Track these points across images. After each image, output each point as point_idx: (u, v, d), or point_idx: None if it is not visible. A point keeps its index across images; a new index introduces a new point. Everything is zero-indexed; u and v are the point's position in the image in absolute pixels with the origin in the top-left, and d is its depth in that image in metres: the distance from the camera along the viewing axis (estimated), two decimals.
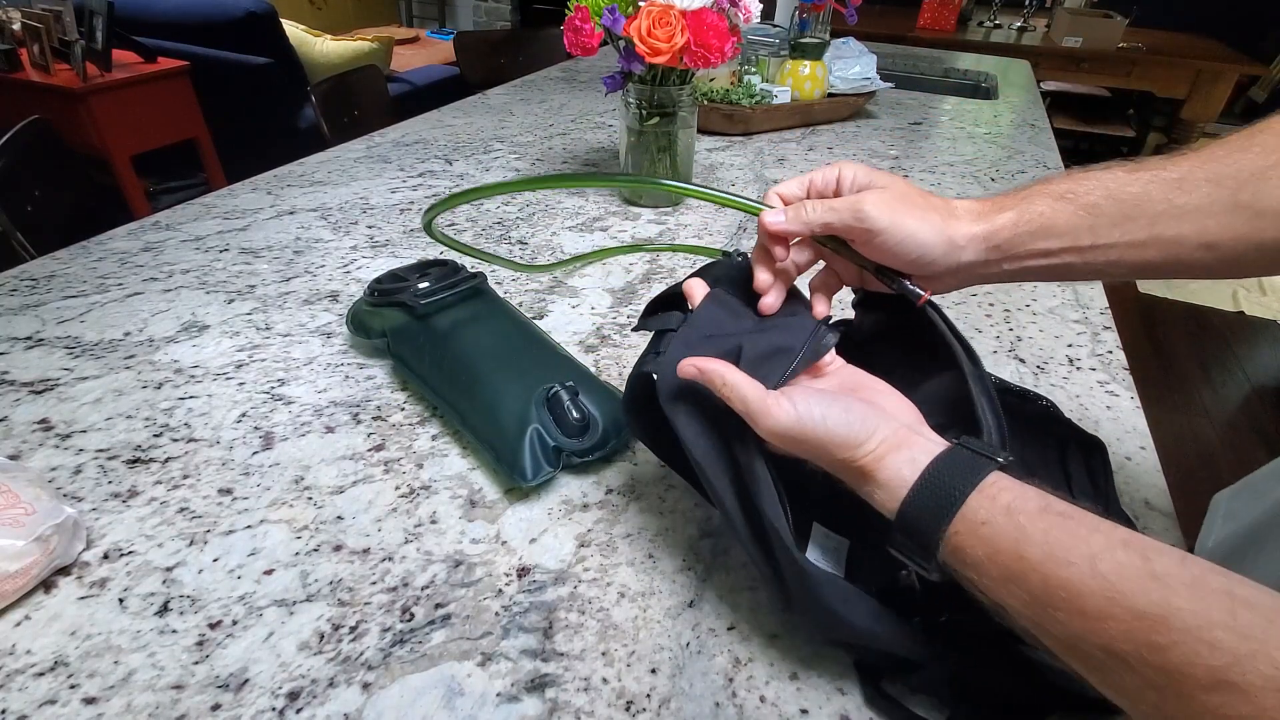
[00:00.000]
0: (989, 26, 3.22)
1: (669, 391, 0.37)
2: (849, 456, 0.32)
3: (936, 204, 0.38)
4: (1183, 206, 0.34)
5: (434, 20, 4.26)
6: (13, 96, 2.02)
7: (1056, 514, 0.27)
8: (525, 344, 0.55)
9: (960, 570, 0.29)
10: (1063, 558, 0.25)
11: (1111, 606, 0.23)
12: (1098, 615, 0.24)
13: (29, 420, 0.52)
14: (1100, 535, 0.26)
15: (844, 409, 0.33)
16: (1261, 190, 0.32)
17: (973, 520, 0.28)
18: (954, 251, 0.37)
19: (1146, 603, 0.23)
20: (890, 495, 0.31)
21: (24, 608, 0.39)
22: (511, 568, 0.43)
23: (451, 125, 1.22)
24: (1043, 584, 0.25)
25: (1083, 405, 0.59)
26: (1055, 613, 0.25)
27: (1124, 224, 0.35)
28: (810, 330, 0.39)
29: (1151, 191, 0.34)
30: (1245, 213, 0.33)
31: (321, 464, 0.50)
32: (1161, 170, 0.35)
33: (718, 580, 0.43)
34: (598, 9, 0.78)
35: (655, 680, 0.37)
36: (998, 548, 0.27)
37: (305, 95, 1.51)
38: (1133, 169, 0.35)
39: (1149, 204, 0.34)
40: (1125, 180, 0.35)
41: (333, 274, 0.74)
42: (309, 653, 0.37)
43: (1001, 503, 0.28)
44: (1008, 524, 0.27)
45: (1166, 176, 0.34)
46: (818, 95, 1.28)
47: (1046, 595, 0.25)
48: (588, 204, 0.94)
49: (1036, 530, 0.26)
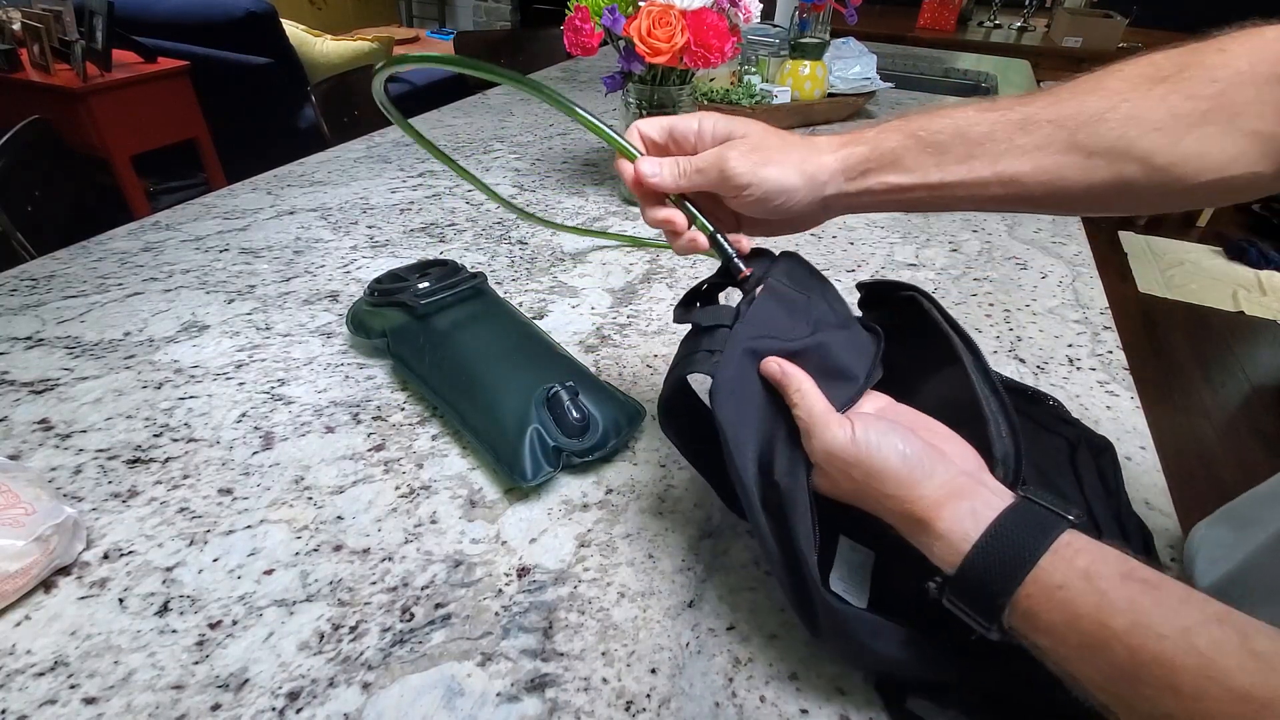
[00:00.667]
0: (989, 26, 3.22)
1: (726, 395, 0.35)
2: (903, 496, 0.31)
3: (795, 141, 0.38)
4: (1024, 146, 0.35)
5: (434, 20, 4.26)
6: (13, 96, 2.02)
7: (1141, 581, 0.25)
8: (525, 344, 0.55)
9: (1029, 635, 0.27)
10: (1153, 629, 0.24)
11: (1210, 685, 0.22)
12: (1194, 694, 0.22)
13: (29, 420, 0.52)
14: (1192, 608, 0.24)
15: (903, 441, 0.32)
16: (1097, 132, 0.34)
17: (1047, 583, 0.26)
18: (817, 187, 0.38)
19: (1249, 683, 0.21)
20: (950, 550, 0.29)
21: (24, 608, 0.39)
22: (511, 568, 0.43)
23: (451, 125, 1.22)
24: (1130, 657, 0.24)
25: (1083, 405, 0.59)
26: (1143, 688, 0.23)
27: (969, 161, 0.36)
28: (871, 355, 0.39)
29: (996, 131, 0.35)
30: (1079, 153, 0.34)
31: (321, 464, 0.50)
32: (1010, 110, 0.36)
33: (718, 580, 0.43)
34: (598, 9, 0.78)
35: (655, 680, 0.37)
36: (1077, 614, 0.25)
37: (305, 95, 1.51)
38: (985, 108, 0.36)
39: (993, 143, 0.35)
40: (975, 119, 0.36)
41: (333, 274, 0.74)
42: (309, 653, 0.37)
43: (1079, 566, 0.26)
44: (1088, 589, 0.25)
45: (1013, 117, 0.35)
46: (818, 95, 1.28)
47: (1134, 669, 0.24)
48: (588, 204, 0.94)
49: (1121, 598, 0.25)
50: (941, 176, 0.37)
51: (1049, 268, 0.82)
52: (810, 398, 0.34)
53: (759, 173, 0.37)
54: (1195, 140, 0.33)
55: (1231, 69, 0.32)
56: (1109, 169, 0.34)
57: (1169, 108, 0.33)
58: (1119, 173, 0.34)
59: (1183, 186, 0.34)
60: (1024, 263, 0.83)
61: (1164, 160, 0.33)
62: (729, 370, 0.35)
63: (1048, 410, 0.46)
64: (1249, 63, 0.32)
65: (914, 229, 0.91)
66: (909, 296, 0.42)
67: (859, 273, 0.79)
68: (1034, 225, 0.93)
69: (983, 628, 0.29)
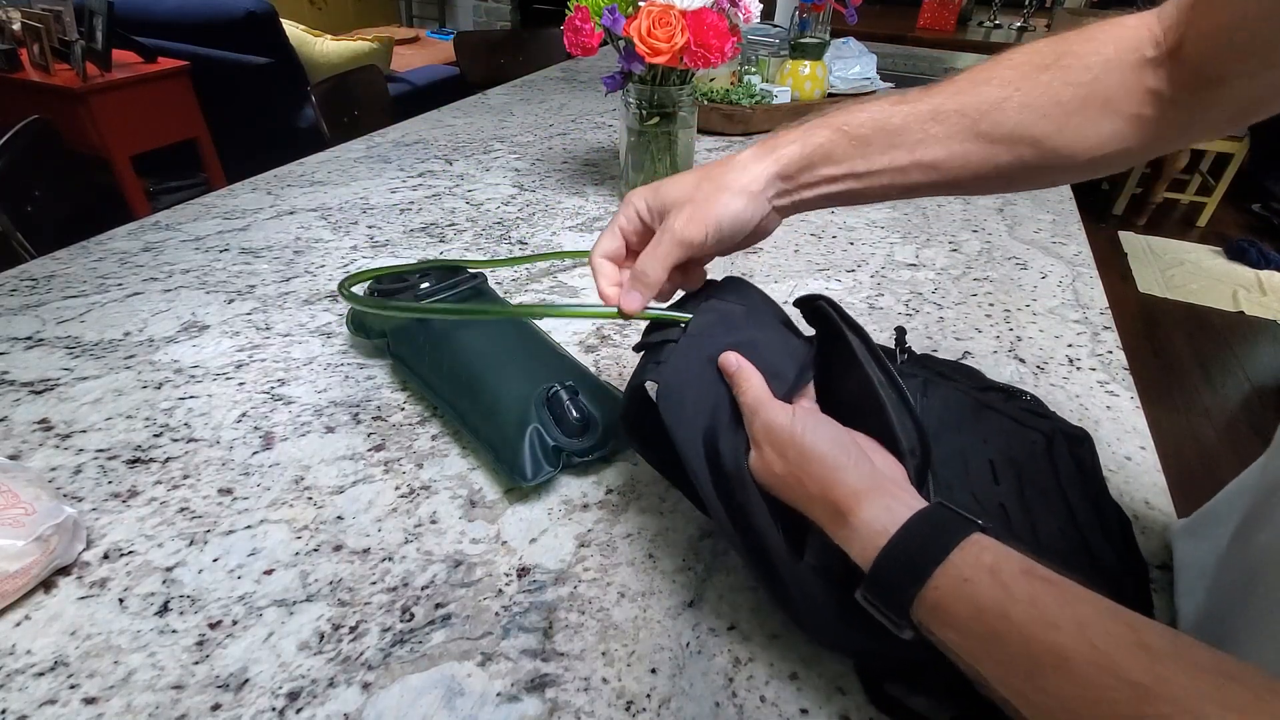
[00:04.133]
0: (989, 26, 3.22)
1: (669, 401, 0.38)
2: (829, 481, 0.33)
3: (719, 171, 0.40)
4: (936, 135, 0.38)
5: (434, 20, 4.26)
6: (13, 96, 2.02)
7: (1042, 578, 0.26)
8: (525, 344, 0.55)
9: (937, 630, 0.28)
10: (1050, 621, 0.25)
11: (1100, 675, 0.23)
12: (1086, 683, 0.23)
13: (29, 420, 0.52)
14: (1087, 604, 0.25)
15: (835, 431, 0.35)
16: (997, 120, 0.37)
17: (955, 576, 0.27)
18: (758, 198, 0.40)
19: (1138, 672, 0.22)
20: (866, 543, 0.31)
21: (24, 608, 0.39)
22: (511, 568, 0.43)
23: (451, 125, 1.22)
24: (1026, 648, 0.25)
25: (1083, 405, 0.59)
26: (1039, 679, 0.24)
27: (890, 151, 0.39)
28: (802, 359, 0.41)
29: (910, 123, 0.38)
30: (984, 140, 0.38)
31: (321, 464, 0.50)
32: (919, 103, 0.39)
33: (718, 580, 0.43)
34: (598, 9, 0.78)
35: (655, 680, 0.37)
36: (980, 607, 0.26)
37: (305, 95, 1.51)
38: (896, 101, 0.39)
39: (908, 134, 0.38)
40: (890, 113, 0.39)
41: (333, 274, 0.74)
42: (309, 653, 0.37)
43: (985, 561, 0.27)
44: (992, 583, 0.26)
45: (922, 108, 0.38)
46: (818, 95, 1.28)
47: (1032, 660, 0.24)
48: (588, 204, 0.94)
49: (1022, 591, 0.26)
50: (868, 166, 0.39)
51: (1049, 268, 0.82)
52: (756, 385, 0.37)
53: (709, 223, 0.39)
54: (1077, 123, 0.37)
55: (1101, 56, 0.36)
56: (1009, 153, 0.38)
57: (1053, 95, 0.37)
58: (1018, 156, 0.38)
59: (1071, 164, 0.38)
60: (1024, 263, 0.83)
61: (1053, 144, 0.37)
62: (673, 376, 0.38)
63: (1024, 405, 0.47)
64: (1115, 50, 0.36)
65: (914, 229, 0.91)
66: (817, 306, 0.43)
67: (859, 272, 0.79)
68: (1034, 225, 0.93)
69: (895, 625, 0.30)
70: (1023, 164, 0.38)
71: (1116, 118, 0.36)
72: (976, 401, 0.46)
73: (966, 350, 0.66)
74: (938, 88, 0.39)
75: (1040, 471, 0.43)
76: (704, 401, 0.38)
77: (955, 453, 0.42)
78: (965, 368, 0.52)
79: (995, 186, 0.41)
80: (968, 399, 0.46)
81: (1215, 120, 0.37)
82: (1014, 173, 0.39)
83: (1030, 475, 0.42)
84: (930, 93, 0.39)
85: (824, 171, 0.40)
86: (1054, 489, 0.42)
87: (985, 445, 0.43)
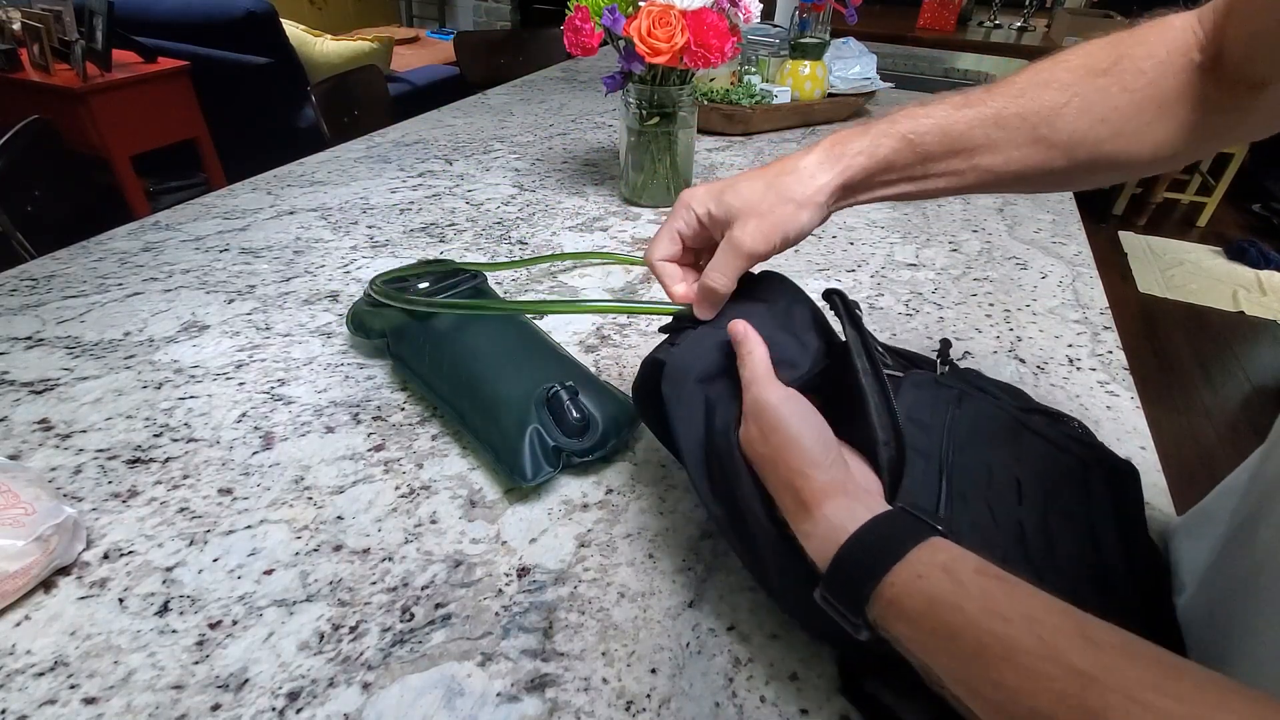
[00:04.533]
0: (989, 27, 3.22)
1: (673, 379, 0.40)
2: (800, 472, 0.33)
3: (784, 183, 0.40)
4: (997, 140, 0.39)
5: (434, 20, 4.26)
6: (13, 96, 2.02)
7: (994, 576, 0.27)
8: (525, 344, 0.55)
9: (891, 627, 0.28)
10: (1000, 614, 0.25)
11: (1046, 665, 0.23)
12: (1032, 674, 0.23)
13: (29, 420, 0.52)
14: (1037, 600, 0.26)
15: (822, 428, 0.35)
16: (1054, 126, 0.38)
17: (910, 573, 0.28)
18: (822, 210, 0.41)
19: (1083, 663, 0.23)
20: (825, 541, 0.31)
21: (24, 608, 0.39)
22: (511, 568, 0.43)
23: (451, 125, 1.22)
24: (977, 641, 0.25)
25: (1083, 405, 0.59)
26: (989, 670, 0.25)
27: (950, 158, 0.40)
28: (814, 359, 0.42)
29: (973, 129, 0.39)
30: (1041, 145, 0.39)
31: (321, 464, 0.50)
32: (983, 106, 0.40)
33: (718, 580, 0.43)
34: (598, 9, 0.78)
35: (655, 680, 0.37)
36: (934, 601, 0.27)
37: (305, 95, 1.51)
38: (959, 104, 0.40)
39: (970, 139, 0.40)
40: (954, 118, 0.40)
41: (333, 274, 0.74)
42: (309, 653, 0.37)
43: (939, 560, 0.28)
44: (945, 579, 0.27)
45: (986, 113, 0.39)
46: (818, 95, 1.28)
47: (981, 652, 0.25)
48: (588, 204, 0.94)
49: (975, 586, 0.26)
50: (926, 171, 0.41)
51: (1049, 268, 0.82)
52: (758, 357, 0.37)
53: (775, 237, 0.40)
54: (1134, 128, 0.38)
55: (1155, 59, 0.37)
56: (1065, 157, 0.39)
57: (1111, 100, 0.37)
58: (1074, 159, 0.39)
59: (1124, 167, 0.39)
60: (1024, 263, 0.83)
61: (1109, 148, 0.38)
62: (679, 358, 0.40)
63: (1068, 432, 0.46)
64: (1166, 53, 0.37)
65: (914, 229, 0.91)
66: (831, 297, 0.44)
67: (859, 272, 0.79)
68: (1034, 225, 0.93)
69: (852, 625, 0.30)
70: (1077, 167, 0.39)
71: (1170, 121, 0.37)
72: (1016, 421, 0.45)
73: (966, 350, 0.66)
74: (999, 89, 0.40)
75: (1070, 498, 0.42)
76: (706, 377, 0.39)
77: (981, 465, 0.41)
78: (1011, 387, 0.51)
79: (1045, 187, 0.42)
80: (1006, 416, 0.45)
81: (1255, 125, 0.37)
82: (1067, 176, 0.40)
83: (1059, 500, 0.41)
84: (993, 94, 0.40)
85: (885, 179, 0.41)
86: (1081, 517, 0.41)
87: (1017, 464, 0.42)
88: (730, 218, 0.41)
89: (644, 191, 0.93)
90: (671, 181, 0.92)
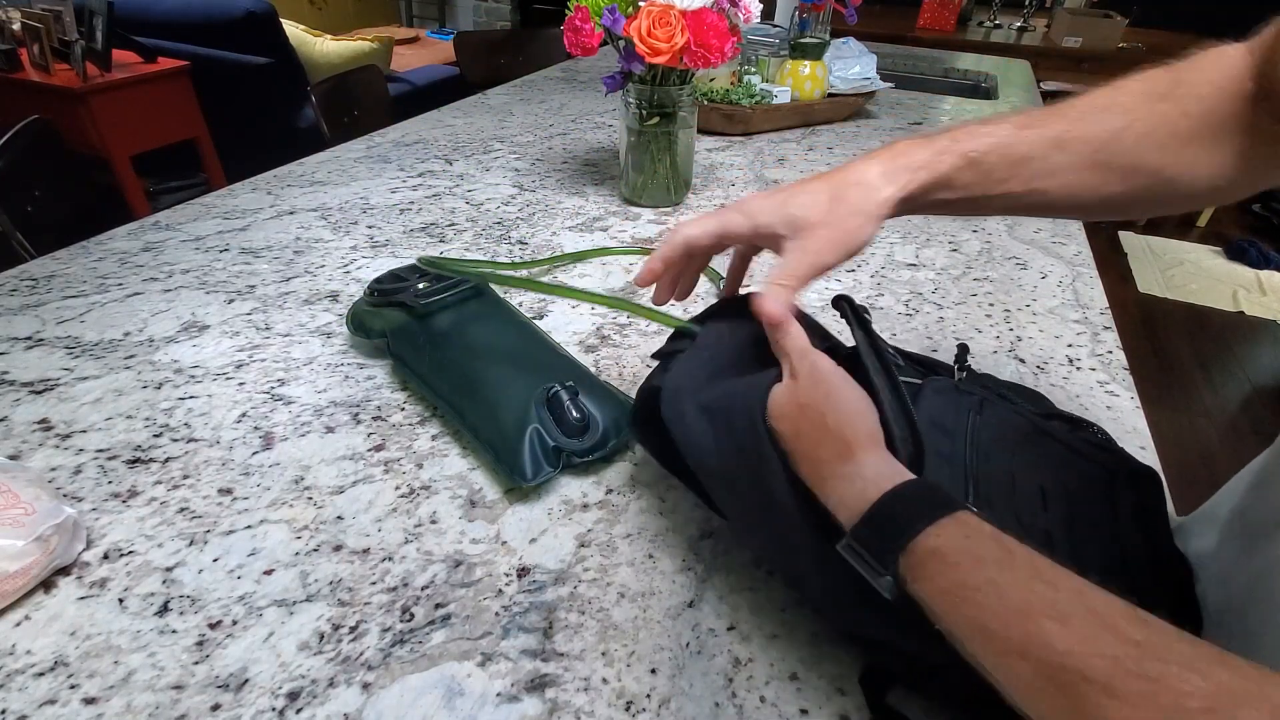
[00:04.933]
0: (989, 26, 3.22)
1: (671, 402, 0.40)
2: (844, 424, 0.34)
3: (850, 196, 0.40)
4: (1056, 164, 0.39)
5: (434, 20, 4.26)
6: (13, 96, 2.02)
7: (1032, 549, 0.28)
8: (525, 344, 0.55)
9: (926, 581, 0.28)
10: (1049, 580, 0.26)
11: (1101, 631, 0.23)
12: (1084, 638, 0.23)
13: (29, 420, 0.52)
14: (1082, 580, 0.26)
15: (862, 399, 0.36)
16: (1114, 150, 0.38)
17: (956, 531, 0.28)
18: (880, 221, 0.41)
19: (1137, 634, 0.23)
20: (866, 483, 0.31)
21: (24, 608, 0.39)
22: (511, 568, 0.43)
23: (451, 125, 1.22)
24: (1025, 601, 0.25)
25: (1083, 405, 0.59)
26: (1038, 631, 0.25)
27: (1009, 181, 0.40)
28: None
29: (1034, 152, 0.39)
30: (1100, 170, 0.39)
31: (321, 464, 0.50)
32: (1045, 127, 0.40)
33: (718, 580, 0.43)
34: (598, 9, 0.78)
35: (655, 680, 0.37)
36: (980, 558, 0.27)
37: (305, 95, 1.51)
38: (1022, 125, 0.40)
39: (1031, 163, 0.39)
40: (1016, 139, 0.40)
41: (333, 274, 0.74)
42: (309, 653, 0.37)
43: (986, 528, 0.28)
44: (993, 542, 0.28)
45: (1048, 134, 0.39)
46: (818, 95, 1.28)
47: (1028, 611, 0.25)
48: (588, 204, 0.94)
49: (1022, 554, 0.27)
50: (984, 191, 0.40)
51: (1049, 268, 0.82)
52: (799, 332, 0.38)
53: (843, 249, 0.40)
54: (1192, 153, 0.37)
55: (1213, 86, 0.37)
56: (1123, 183, 0.39)
57: (1170, 125, 0.37)
58: (1131, 185, 0.39)
59: (1180, 195, 0.39)
60: (1024, 263, 0.83)
61: (1167, 174, 0.38)
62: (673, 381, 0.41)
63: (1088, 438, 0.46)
64: (1223, 79, 0.37)
65: (914, 229, 0.91)
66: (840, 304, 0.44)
67: (859, 272, 0.79)
68: (1034, 225, 0.93)
69: (874, 572, 0.30)
70: (1134, 194, 0.39)
71: (1227, 148, 0.37)
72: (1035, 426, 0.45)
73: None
74: (1060, 110, 0.40)
75: (1095, 506, 0.41)
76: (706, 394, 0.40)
77: (1004, 472, 0.41)
78: (1029, 391, 0.51)
79: (1099, 214, 0.42)
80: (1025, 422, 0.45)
81: None
82: (1123, 202, 0.40)
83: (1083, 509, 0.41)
84: (1055, 115, 0.40)
85: (940, 195, 0.41)
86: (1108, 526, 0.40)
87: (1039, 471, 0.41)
88: (796, 226, 0.40)
89: (644, 191, 0.93)
90: (671, 181, 0.92)
